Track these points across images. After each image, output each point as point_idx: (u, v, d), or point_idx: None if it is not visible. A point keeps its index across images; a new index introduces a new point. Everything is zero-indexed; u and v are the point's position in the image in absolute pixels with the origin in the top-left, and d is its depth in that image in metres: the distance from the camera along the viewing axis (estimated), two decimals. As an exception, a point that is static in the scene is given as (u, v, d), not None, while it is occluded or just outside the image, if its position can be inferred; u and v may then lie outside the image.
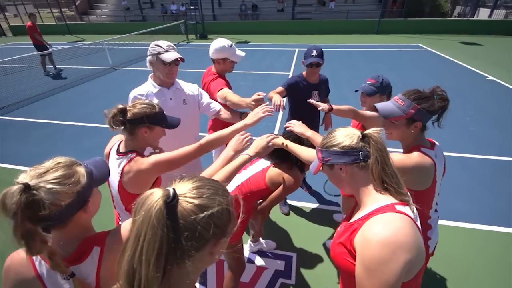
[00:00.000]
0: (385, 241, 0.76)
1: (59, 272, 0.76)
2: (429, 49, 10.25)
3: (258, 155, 1.33)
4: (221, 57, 2.22)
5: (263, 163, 1.77)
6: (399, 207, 0.84)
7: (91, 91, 6.93)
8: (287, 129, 1.61)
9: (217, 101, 2.10)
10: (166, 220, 0.53)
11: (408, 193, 0.93)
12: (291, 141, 1.53)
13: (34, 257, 0.79)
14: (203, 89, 2.34)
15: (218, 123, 2.39)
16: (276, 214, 2.90)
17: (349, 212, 1.07)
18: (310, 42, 12.06)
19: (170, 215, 0.54)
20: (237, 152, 1.30)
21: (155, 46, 1.79)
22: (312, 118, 2.61)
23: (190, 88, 2.01)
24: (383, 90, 2.05)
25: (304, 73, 2.54)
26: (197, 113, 2.05)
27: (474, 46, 10.44)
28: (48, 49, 8.10)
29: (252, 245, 2.47)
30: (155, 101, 1.83)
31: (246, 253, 2.45)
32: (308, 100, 1.86)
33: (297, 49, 10.81)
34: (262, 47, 11.45)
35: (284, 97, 2.42)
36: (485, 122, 4.68)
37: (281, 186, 1.68)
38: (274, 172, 1.71)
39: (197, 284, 2.17)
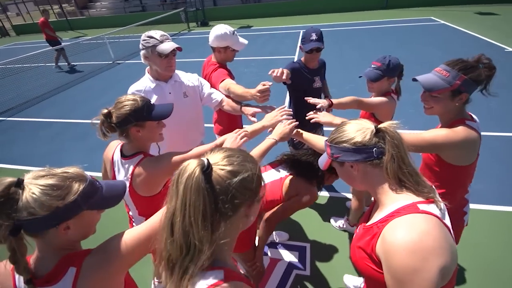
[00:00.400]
0: (412, 247, 0.68)
1: (19, 274, 0.73)
2: (442, 21, 9.69)
3: (283, 140, 1.37)
4: (222, 46, 2.07)
5: (281, 172, 1.62)
6: (423, 206, 0.75)
7: (94, 87, 6.90)
8: (312, 121, 1.49)
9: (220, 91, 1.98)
10: (205, 184, 0.60)
11: (434, 188, 0.83)
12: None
13: (15, 272, 0.76)
14: None
15: (224, 116, 2.28)
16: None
17: (367, 212, 0.98)
18: (315, 22, 11.60)
19: (207, 181, 0.61)
20: None
21: (148, 38, 1.65)
22: (315, 108, 2.43)
23: (190, 79, 1.89)
24: (391, 72, 1.83)
25: (302, 59, 2.30)
26: (200, 105, 1.94)
27: (490, 16, 9.79)
28: (61, 44, 8.13)
29: (264, 237, 2.42)
30: (154, 97, 1.73)
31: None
32: (306, 98, 1.67)
33: (301, 31, 10.39)
34: (265, 31, 11.09)
35: (285, 83, 2.21)
36: (506, 97, 4.41)
37: (295, 199, 1.51)
38: (291, 183, 1.55)
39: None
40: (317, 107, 1.60)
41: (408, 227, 0.71)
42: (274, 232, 2.46)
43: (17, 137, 4.81)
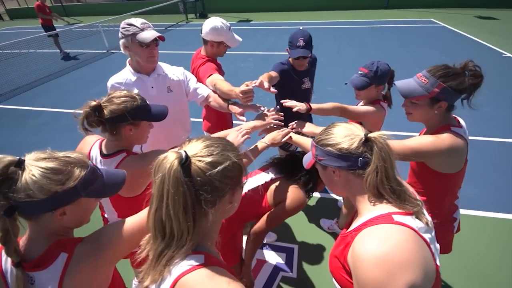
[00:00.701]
0: (378, 259, 0.64)
1: (8, 256, 0.72)
2: (442, 24, 9.64)
3: (273, 145, 1.39)
4: (216, 40, 1.98)
5: (266, 176, 1.53)
6: (398, 217, 0.71)
7: (87, 76, 6.72)
8: (294, 130, 1.45)
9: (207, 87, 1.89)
10: (184, 178, 0.61)
11: (420, 203, 0.78)
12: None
13: (3, 254, 0.76)
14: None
15: (212, 112, 2.20)
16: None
17: (349, 219, 0.93)
18: (316, 19, 11.47)
19: (186, 174, 0.61)
20: None
21: (128, 26, 1.53)
22: (304, 115, 2.14)
23: (175, 72, 1.78)
24: (379, 80, 1.67)
25: (290, 59, 2.11)
26: (185, 101, 1.85)
27: (490, 21, 9.76)
28: (56, 30, 7.89)
29: (252, 237, 2.36)
30: (134, 90, 1.61)
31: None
32: (282, 102, 1.56)
33: (301, 27, 10.28)
34: (265, 26, 10.93)
35: (275, 85, 2.03)
36: (501, 102, 4.39)
37: (281, 207, 1.40)
38: (277, 188, 1.46)
39: None
40: (293, 110, 1.50)
41: (377, 237, 0.68)
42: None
43: (4, 125, 4.66)
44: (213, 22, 1.95)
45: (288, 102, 1.53)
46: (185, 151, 0.64)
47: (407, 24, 9.85)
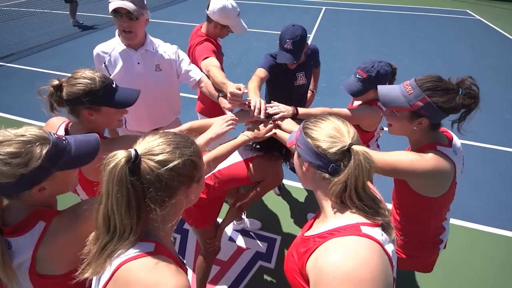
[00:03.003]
0: (345, 275, 0.61)
1: None
2: (478, 17, 8.86)
3: (256, 140, 1.33)
4: (222, 23, 1.84)
5: (245, 153, 1.52)
6: (366, 229, 0.68)
7: (98, 41, 6.58)
8: (274, 117, 1.34)
9: (201, 69, 1.77)
10: (129, 178, 0.62)
11: (386, 212, 0.73)
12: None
13: None
14: (188, 53, 2.00)
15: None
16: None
17: (312, 218, 0.88)
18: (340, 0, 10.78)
19: (134, 173, 0.63)
20: (218, 136, 1.25)
21: None
22: (297, 106, 1.89)
23: (167, 50, 1.66)
24: (377, 83, 1.43)
25: None
26: (176, 81, 1.74)
27: (534, 17, 8.89)
28: None
29: (235, 223, 2.35)
30: (119, 63, 1.53)
31: (229, 231, 2.35)
32: (267, 105, 1.39)
33: (324, 7, 9.72)
34: (284, 3, 10.35)
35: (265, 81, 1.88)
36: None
37: (262, 185, 1.49)
38: (256, 164, 1.47)
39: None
40: (276, 117, 1.34)
41: (345, 251, 0.64)
42: (247, 220, 2.38)
43: (13, 85, 4.73)
44: (224, 1, 1.78)
45: (271, 109, 1.38)
46: (135, 149, 0.65)
47: (439, 14, 9.12)
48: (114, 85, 1.16)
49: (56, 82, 1.07)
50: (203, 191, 1.51)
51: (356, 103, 1.75)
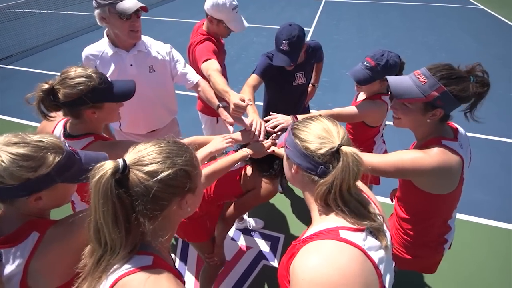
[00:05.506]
0: (313, 279, 0.60)
1: None
2: (481, 6, 8.68)
3: (254, 156, 1.28)
4: (215, 17, 1.77)
5: (240, 163, 1.45)
6: (345, 233, 0.65)
7: (95, 41, 6.59)
8: (273, 136, 1.31)
9: (199, 73, 1.69)
10: (115, 190, 0.58)
11: (377, 216, 0.70)
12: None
13: None
14: (188, 50, 1.94)
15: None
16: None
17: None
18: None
19: (122, 185, 0.60)
20: (217, 151, 1.26)
21: None
22: (294, 111, 1.66)
23: (160, 50, 1.60)
24: (386, 74, 1.40)
25: None
26: (170, 82, 1.68)
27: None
28: None
29: (238, 222, 2.33)
30: (111, 67, 1.47)
31: (231, 230, 2.32)
32: (265, 119, 1.36)
33: (323, 0, 9.58)
34: (284, -3, 10.24)
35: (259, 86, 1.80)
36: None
37: (252, 194, 1.39)
38: (248, 175, 1.41)
39: (177, 262, 2.11)
40: (276, 129, 1.32)
41: (318, 256, 0.63)
42: (249, 219, 2.36)
43: (12, 87, 4.71)
44: None
45: (270, 124, 1.34)
46: (124, 159, 0.61)
47: (441, 4, 8.95)
48: (109, 79, 1.13)
49: (46, 85, 1.01)
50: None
51: (360, 98, 1.70)
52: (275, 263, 2.10)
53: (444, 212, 1.16)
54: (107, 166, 0.59)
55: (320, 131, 0.73)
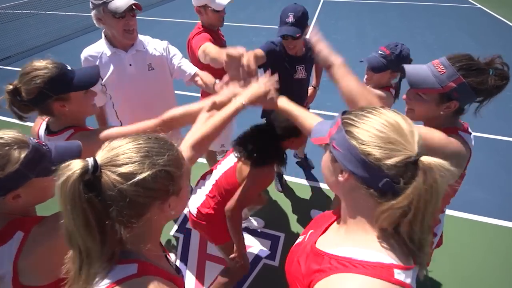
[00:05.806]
0: None
1: None
2: (479, 5, 8.71)
3: (252, 103, 1.03)
4: (199, 4, 1.80)
5: (234, 157, 1.44)
6: (399, 275, 0.53)
7: (94, 42, 6.59)
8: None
9: (197, 64, 1.72)
10: (83, 195, 0.51)
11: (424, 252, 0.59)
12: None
13: None
14: (187, 47, 1.96)
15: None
16: (268, 190, 2.71)
17: (324, 217, 0.77)
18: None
19: (92, 188, 0.52)
20: (258, 99, 1.06)
21: None
22: (296, 101, 1.70)
23: (157, 47, 1.61)
24: (398, 65, 1.40)
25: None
26: (169, 78, 1.70)
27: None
28: None
29: (239, 222, 2.33)
30: (110, 68, 1.47)
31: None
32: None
33: (322, 0, 9.58)
34: (283, -3, 10.26)
35: (261, 67, 1.76)
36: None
37: (246, 184, 1.34)
38: (243, 167, 1.38)
39: (178, 262, 2.11)
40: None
41: None
42: (250, 218, 2.36)
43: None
44: None
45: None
46: (94, 158, 0.54)
47: (439, 3, 8.97)
48: (69, 68, 1.08)
49: (10, 86, 0.98)
50: (208, 206, 1.44)
51: None
52: (275, 262, 2.11)
53: (442, 202, 1.16)
54: (74, 166, 0.52)
55: (388, 131, 0.54)
